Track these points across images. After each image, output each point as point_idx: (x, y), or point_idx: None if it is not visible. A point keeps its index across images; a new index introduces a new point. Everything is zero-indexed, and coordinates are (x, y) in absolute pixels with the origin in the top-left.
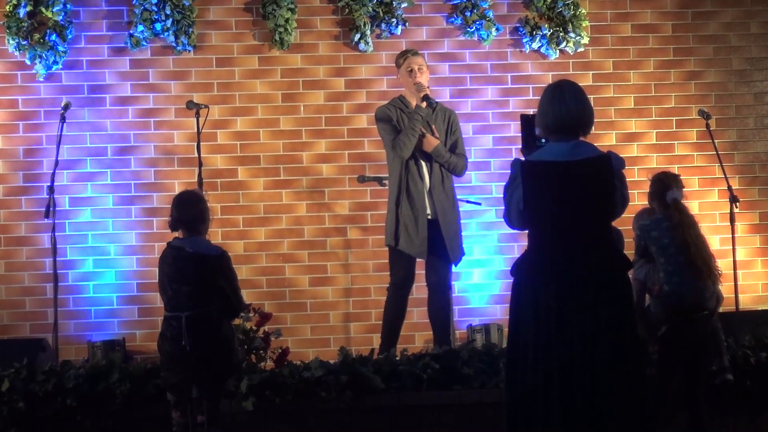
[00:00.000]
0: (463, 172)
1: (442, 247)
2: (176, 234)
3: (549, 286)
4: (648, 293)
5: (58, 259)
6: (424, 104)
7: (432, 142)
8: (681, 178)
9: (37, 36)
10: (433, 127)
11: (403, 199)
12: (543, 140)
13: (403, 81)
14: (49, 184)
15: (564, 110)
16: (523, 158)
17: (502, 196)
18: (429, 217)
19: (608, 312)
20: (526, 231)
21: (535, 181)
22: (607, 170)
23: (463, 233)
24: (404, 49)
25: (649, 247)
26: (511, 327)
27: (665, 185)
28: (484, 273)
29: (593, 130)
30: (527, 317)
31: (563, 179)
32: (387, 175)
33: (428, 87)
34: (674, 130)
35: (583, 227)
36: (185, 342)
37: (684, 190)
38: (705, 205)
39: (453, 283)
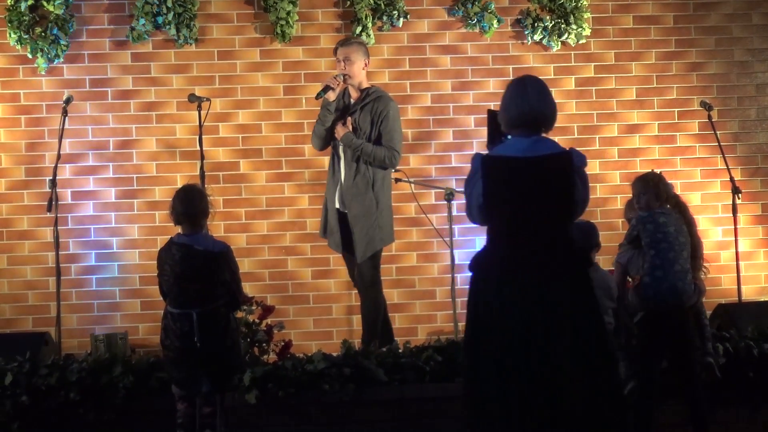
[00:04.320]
0: (390, 164)
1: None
2: (178, 228)
3: (507, 282)
4: (629, 280)
5: (60, 252)
6: (331, 94)
7: (340, 131)
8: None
9: (38, 30)
10: (349, 118)
11: (328, 190)
12: (509, 136)
13: None
14: (51, 178)
15: (526, 106)
16: (484, 152)
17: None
18: (340, 209)
19: (569, 311)
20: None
21: (495, 176)
22: (568, 167)
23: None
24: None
25: (641, 238)
26: (469, 323)
27: (661, 184)
28: None
29: (594, 122)
30: (486, 314)
31: (523, 175)
32: None
33: (339, 78)
34: (676, 121)
35: (542, 224)
36: (197, 339)
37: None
38: (707, 196)
39: (456, 275)
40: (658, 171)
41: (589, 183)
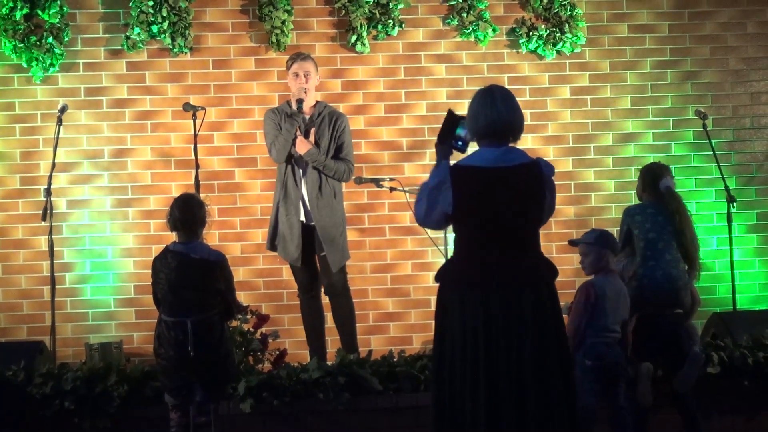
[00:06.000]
0: (347, 178)
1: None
2: (173, 236)
3: (476, 292)
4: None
5: (55, 261)
6: (300, 109)
7: (304, 146)
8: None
9: (33, 39)
10: (312, 131)
11: (281, 204)
12: (460, 143)
13: (290, 84)
14: (45, 186)
15: (495, 115)
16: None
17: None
18: (305, 222)
19: (534, 319)
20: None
21: (465, 186)
22: (538, 177)
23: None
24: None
25: (631, 232)
26: (437, 333)
27: (657, 175)
28: None
29: (589, 131)
30: (453, 324)
31: (494, 185)
32: (384, 177)
33: (305, 92)
34: (671, 130)
35: (512, 234)
36: (191, 348)
37: (676, 181)
38: (702, 205)
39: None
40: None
41: (556, 192)
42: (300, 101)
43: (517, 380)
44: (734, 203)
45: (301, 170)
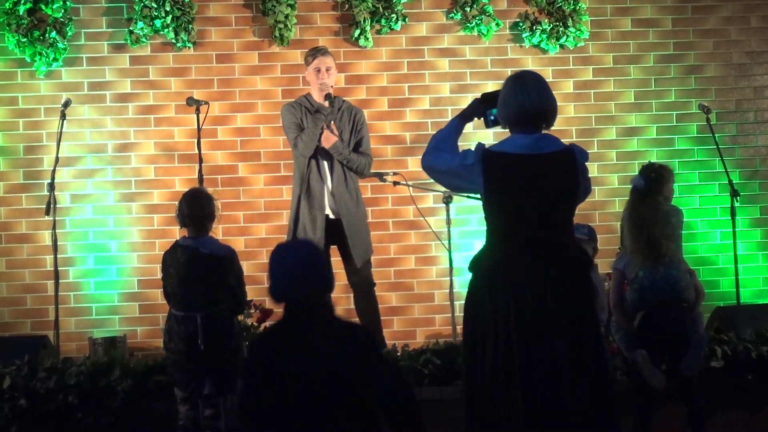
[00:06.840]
0: (366, 172)
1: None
2: (177, 230)
3: (508, 283)
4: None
5: (59, 256)
6: (326, 103)
7: (330, 139)
8: (658, 168)
9: (37, 33)
10: (332, 124)
11: (303, 198)
12: (492, 117)
13: (309, 79)
14: (49, 181)
15: (527, 101)
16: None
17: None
18: (330, 216)
19: (567, 311)
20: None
21: (498, 173)
22: (572, 164)
23: (372, 232)
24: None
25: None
26: (468, 325)
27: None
28: None
29: (592, 125)
30: (485, 316)
31: (528, 173)
32: (387, 171)
33: (332, 87)
34: (674, 124)
35: (544, 223)
36: (201, 341)
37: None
38: (705, 199)
39: (455, 278)
40: (647, 162)
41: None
42: (329, 96)
43: (553, 373)
44: (738, 197)
45: (326, 164)
